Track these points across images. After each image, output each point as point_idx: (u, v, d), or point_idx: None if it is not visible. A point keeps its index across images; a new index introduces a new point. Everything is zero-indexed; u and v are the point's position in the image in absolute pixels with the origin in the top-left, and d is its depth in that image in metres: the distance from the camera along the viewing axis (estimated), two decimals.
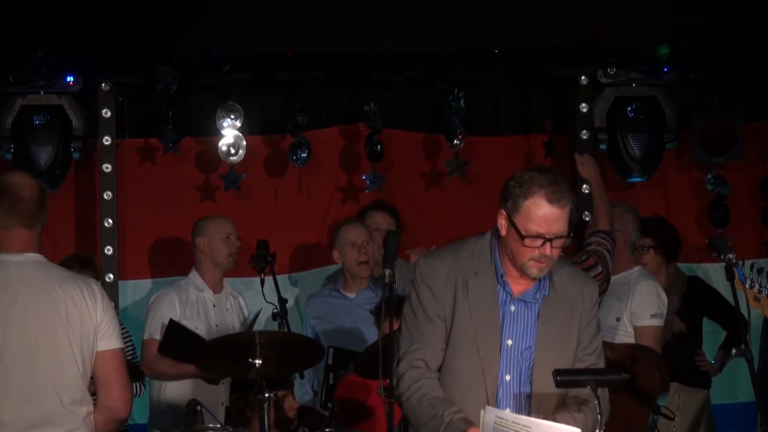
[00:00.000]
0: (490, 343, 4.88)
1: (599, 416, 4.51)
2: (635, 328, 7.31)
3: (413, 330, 4.96)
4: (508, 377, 4.91)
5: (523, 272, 4.85)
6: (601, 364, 4.99)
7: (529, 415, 4.85)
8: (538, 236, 4.76)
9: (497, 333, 4.89)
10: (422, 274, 4.96)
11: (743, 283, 5.13)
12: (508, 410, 4.74)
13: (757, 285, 5.48)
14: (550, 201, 4.76)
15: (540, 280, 4.91)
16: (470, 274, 4.91)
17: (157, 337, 7.49)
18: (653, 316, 7.32)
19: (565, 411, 4.86)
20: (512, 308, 4.92)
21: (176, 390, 7.48)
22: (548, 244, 4.76)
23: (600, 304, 6.93)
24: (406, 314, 5.00)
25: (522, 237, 4.77)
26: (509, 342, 4.90)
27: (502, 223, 4.85)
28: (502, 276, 4.91)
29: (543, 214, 4.75)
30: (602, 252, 6.92)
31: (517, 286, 4.93)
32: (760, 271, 5.22)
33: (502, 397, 4.90)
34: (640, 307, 7.30)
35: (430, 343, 4.94)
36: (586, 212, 8.71)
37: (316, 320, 7.92)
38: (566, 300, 4.94)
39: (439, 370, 4.96)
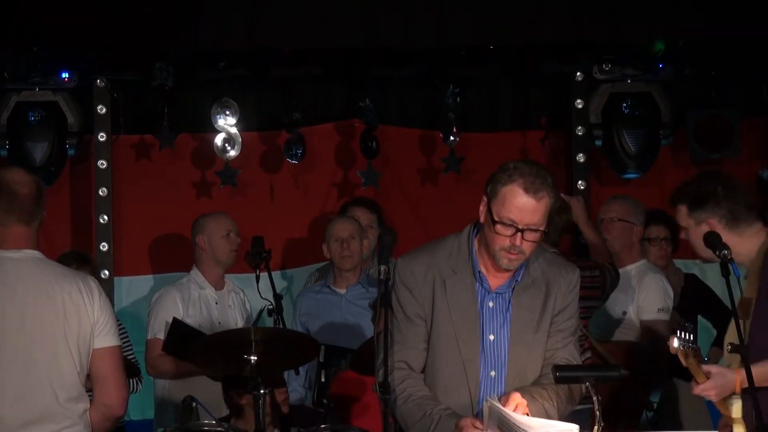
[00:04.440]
0: (470, 340, 4.89)
1: (598, 413, 4.50)
2: (642, 321, 7.32)
3: (394, 331, 4.94)
4: (493, 373, 4.91)
5: (494, 261, 4.85)
6: (569, 344, 4.96)
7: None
8: (510, 224, 4.75)
9: (477, 330, 4.89)
10: (400, 275, 4.97)
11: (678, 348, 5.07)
12: (508, 408, 4.72)
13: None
14: (526, 191, 4.75)
15: (516, 271, 4.91)
16: (448, 273, 4.91)
17: (161, 336, 7.50)
18: (660, 310, 7.33)
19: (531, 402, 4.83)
20: (490, 304, 4.93)
21: (181, 388, 7.45)
22: (519, 234, 4.75)
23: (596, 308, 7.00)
24: (388, 316, 5.01)
25: (494, 223, 4.77)
26: (491, 337, 4.91)
27: (481, 208, 4.87)
28: (479, 273, 4.91)
29: (517, 202, 4.75)
30: (605, 268, 6.95)
31: (495, 280, 4.93)
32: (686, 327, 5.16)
33: (485, 393, 4.89)
34: (647, 301, 7.31)
35: (411, 344, 4.94)
36: None
37: (306, 316, 7.89)
38: (542, 284, 4.94)
39: (423, 370, 4.95)
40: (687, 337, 4.87)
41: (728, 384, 5.09)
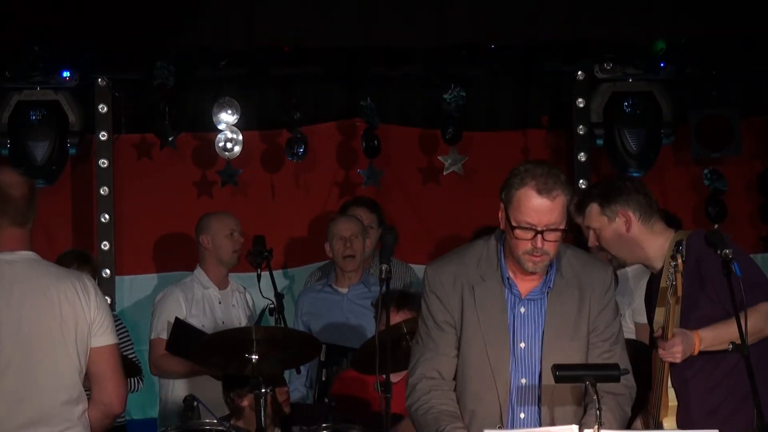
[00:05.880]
0: (499, 348, 4.87)
1: (598, 412, 4.49)
2: (636, 324, 7.29)
3: (425, 338, 4.95)
4: (523, 381, 4.88)
5: (520, 266, 4.84)
6: (618, 351, 4.92)
7: (540, 411, 4.85)
8: (529, 228, 4.75)
9: (506, 338, 4.87)
10: (429, 283, 4.96)
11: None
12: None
13: None
14: (539, 192, 4.74)
15: (548, 272, 4.89)
16: (477, 280, 4.89)
17: (164, 336, 7.50)
18: None
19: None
20: (522, 310, 4.90)
21: (185, 388, 7.47)
22: (540, 236, 4.74)
23: None
24: (419, 323, 5.02)
25: (513, 228, 4.77)
26: (522, 345, 4.88)
27: (500, 215, 4.86)
28: (508, 279, 4.89)
29: (533, 205, 4.74)
30: None
31: (525, 284, 4.90)
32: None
33: (516, 401, 4.88)
34: (642, 305, 7.28)
35: (443, 351, 4.93)
36: None
37: (308, 316, 7.91)
38: (575, 287, 4.89)
39: (456, 377, 4.95)
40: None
41: (691, 344, 5.13)
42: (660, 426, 5.22)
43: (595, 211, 5.45)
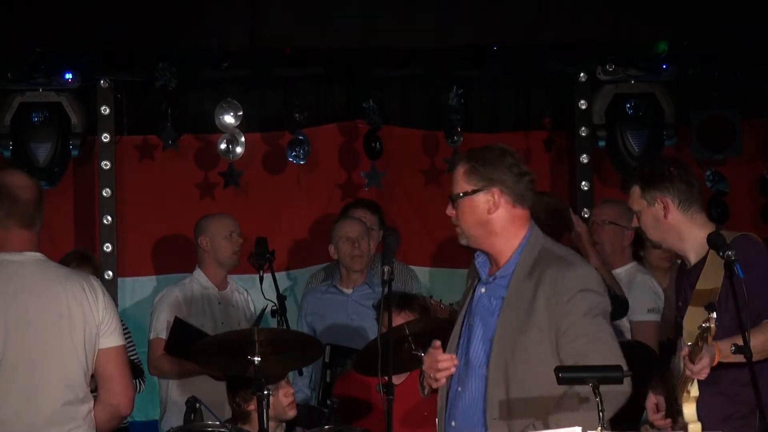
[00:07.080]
0: (457, 324, 4.94)
1: (600, 414, 4.48)
2: (632, 323, 7.31)
3: None
4: (457, 361, 4.85)
5: None
6: (590, 352, 4.75)
7: (485, 400, 4.77)
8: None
9: (463, 315, 4.93)
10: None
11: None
12: None
13: None
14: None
15: (516, 260, 4.83)
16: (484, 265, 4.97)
17: (163, 336, 7.51)
18: (650, 311, 7.33)
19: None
20: (483, 290, 4.92)
21: (185, 389, 7.47)
22: (450, 204, 4.91)
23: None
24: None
25: None
26: (472, 323, 4.89)
27: None
28: (477, 257, 4.93)
29: None
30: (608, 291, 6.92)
31: (492, 267, 4.93)
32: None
33: (455, 379, 4.86)
34: (637, 303, 7.29)
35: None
36: (585, 209, 8.77)
37: (312, 316, 7.92)
38: (533, 281, 4.79)
39: None
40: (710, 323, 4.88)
41: (713, 356, 5.13)
42: (679, 409, 5.24)
43: (636, 193, 5.47)
